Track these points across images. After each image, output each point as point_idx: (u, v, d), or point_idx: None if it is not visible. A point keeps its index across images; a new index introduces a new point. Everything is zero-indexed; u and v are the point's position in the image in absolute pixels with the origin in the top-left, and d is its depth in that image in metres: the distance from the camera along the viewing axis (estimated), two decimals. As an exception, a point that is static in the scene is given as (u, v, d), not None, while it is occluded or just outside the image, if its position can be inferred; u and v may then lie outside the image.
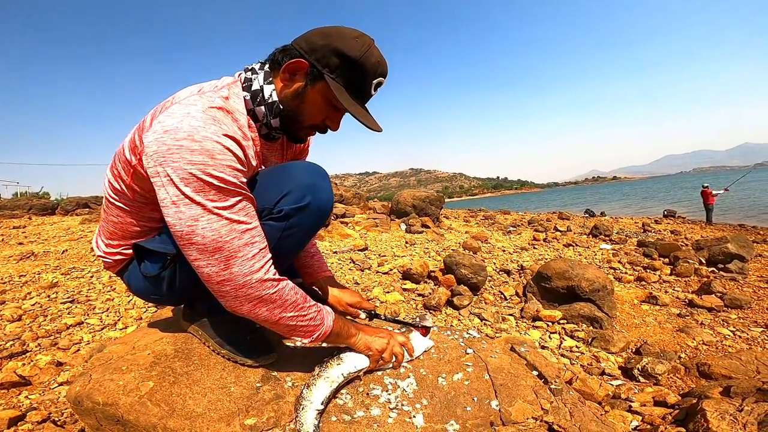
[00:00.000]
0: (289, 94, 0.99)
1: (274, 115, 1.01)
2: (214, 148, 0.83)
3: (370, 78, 0.98)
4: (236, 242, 0.85)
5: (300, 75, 0.98)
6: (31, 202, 9.25)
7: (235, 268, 0.85)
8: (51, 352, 1.95)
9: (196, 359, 1.12)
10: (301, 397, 0.98)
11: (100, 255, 1.17)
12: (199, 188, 0.82)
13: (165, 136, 0.82)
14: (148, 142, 0.84)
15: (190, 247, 0.85)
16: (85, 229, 5.70)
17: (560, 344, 2.57)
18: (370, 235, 5.26)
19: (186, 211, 0.82)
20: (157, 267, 1.06)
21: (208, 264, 0.85)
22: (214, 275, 0.86)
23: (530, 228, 7.94)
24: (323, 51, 0.94)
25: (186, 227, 0.83)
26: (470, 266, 3.32)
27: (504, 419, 1.03)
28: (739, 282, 4.02)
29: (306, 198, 0.98)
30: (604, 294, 3.06)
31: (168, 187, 0.82)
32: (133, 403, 0.94)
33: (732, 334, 2.78)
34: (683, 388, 1.96)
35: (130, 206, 1.03)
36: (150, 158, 0.83)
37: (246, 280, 0.86)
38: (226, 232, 0.84)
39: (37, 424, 1.38)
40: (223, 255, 0.84)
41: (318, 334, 0.99)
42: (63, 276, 3.22)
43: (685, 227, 11.01)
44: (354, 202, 8.80)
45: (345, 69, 0.95)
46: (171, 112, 0.86)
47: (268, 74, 1.01)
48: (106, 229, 1.12)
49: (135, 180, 0.96)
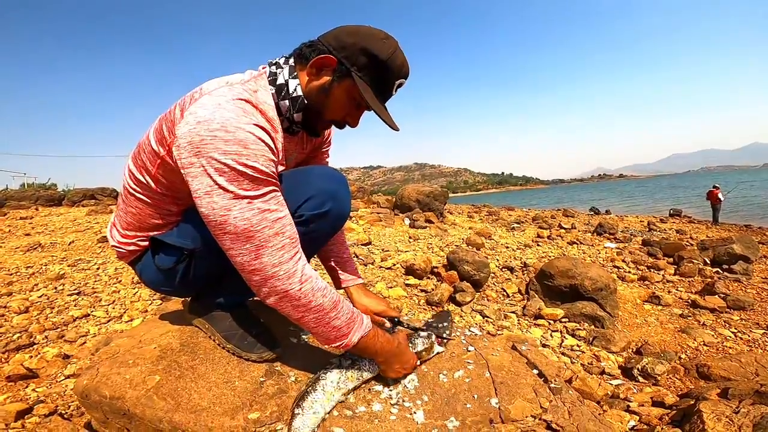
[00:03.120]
0: (314, 88, 1.01)
1: (298, 109, 1.02)
2: (247, 138, 0.84)
3: (394, 79, 1.01)
4: (267, 231, 0.86)
5: (327, 71, 0.99)
6: (38, 194, 9.32)
7: (265, 257, 0.87)
8: (58, 345, 1.98)
9: (202, 353, 1.14)
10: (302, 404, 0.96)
11: (114, 245, 1.18)
12: (233, 178, 0.83)
13: (198, 127, 0.83)
14: (182, 134, 0.85)
15: (224, 236, 0.87)
16: (92, 220, 5.74)
17: (561, 343, 2.57)
18: (374, 230, 5.27)
19: (219, 200, 0.84)
20: (172, 260, 1.08)
21: (240, 253, 0.87)
22: (246, 264, 0.88)
23: (534, 225, 7.92)
24: (352, 49, 0.96)
25: (219, 217, 0.85)
26: (473, 263, 3.32)
27: (503, 417, 1.05)
28: (743, 283, 4.00)
29: (327, 204, 1.03)
30: (607, 293, 3.06)
31: (202, 178, 0.84)
32: (139, 397, 0.96)
33: (733, 336, 2.77)
34: (682, 389, 1.97)
35: (151, 198, 1.04)
36: (183, 149, 0.85)
37: (274, 271, 0.87)
38: (257, 221, 0.85)
39: (44, 417, 1.39)
40: (254, 244, 0.86)
41: (338, 344, 0.97)
42: (70, 268, 3.26)
43: (691, 227, 10.95)
44: (358, 196, 8.82)
45: (372, 69, 0.98)
46: (202, 103, 0.87)
47: (293, 69, 1.02)
48: (123, 219, 1.13)
49: (161, 171, 0.98)
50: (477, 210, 10.58)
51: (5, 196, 8.97)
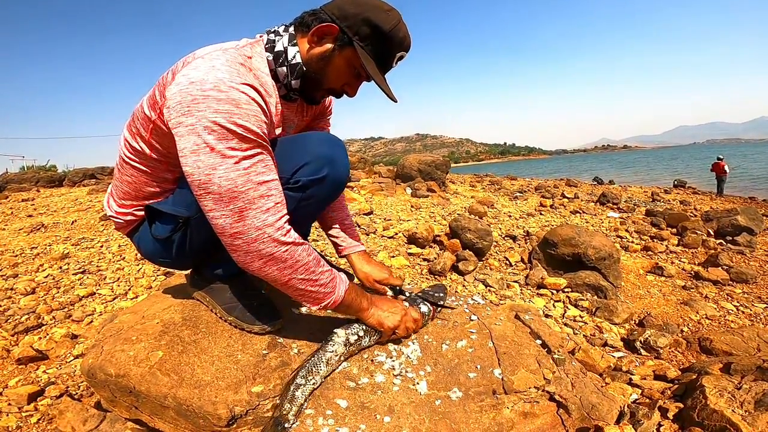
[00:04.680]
0: (314, 56, 1.01)
1: (296, 76, 1.02)
2: (240, 97, 0.83)
3: (395, 51, 1.02)
4: (252, 193, 0.85)
5: (328, 39, 0.99)
6: (38, 175, 9.30)
7: (248, 219, 0.85)
8: (66, 325, 1.99)
9: (204, 327, 1.14)
10: (300, 372, 0.96)
11: (111, 215, 1.18)
12: (222, 136, 0.82)
13: (191, 86, 0.82)
14: (172, 94, 0.84)
15: (206, 196, 0.85)
16: (93, 199, 5.75)
17: (564, 313, 2.59)
18: (376, 199, 5.25)
19: (205, 159, 0.82)
20: (168, 229, 1.07)
21: (223, 215, 0.85)
22: (228, 227, 0.86)
23: (537, 194, 7.86)
24: (355, 19, 0.96)
25: (203, 176, 0.83)
26: (476, 231, 3.30)
27: (506, 388, 1.05)
28: (747, 255, 3.98)
29: (324, 170, 1.01)
30: (610, 263, 3.05)
31: (190, 136, 0.82)
32: (143, 374, 0.97)
33: (735, 309, 2.78)
34: (684, 363, 1.98)
35: (146, 165, 1.03)
36: (173, 110, 0.83)
37: (258, 234, 0.86)
38: (242, 182, 0.84)
39: (55, 399, 1.41)
40: (238, 206, 0.84)
41: (328, 302, 0.97)
42: (74, 247, 3.27)
43: (695, 198, 10.87)
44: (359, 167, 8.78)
45: (374, 40, 0.98)
46: (195, 65, 0.86)
47: (292, 36, 1.02)
48: (120, 189, 1.12)
49: (154, 136, 0.97)
50: (479, 179, 10.51)
51: (6, 179, 8.96)
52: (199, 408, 0.90)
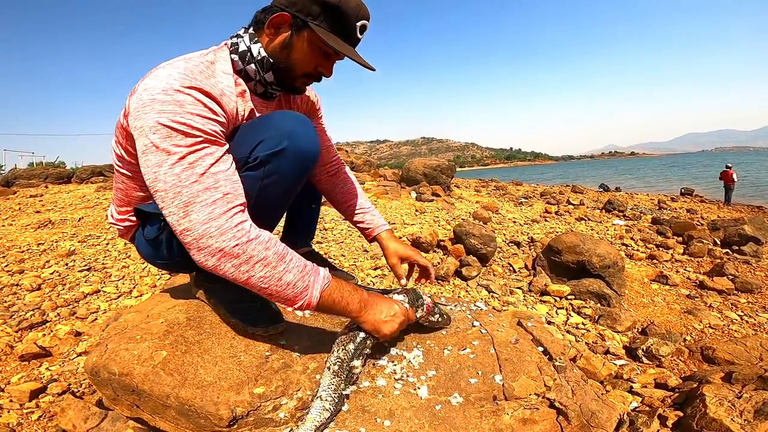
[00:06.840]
0: (276, 46, 1.04)
1: (266, 69, 1.05)
2: (185, 99, 0.85)
3: (353, 20, 1.02)
4: (195, 186, 0.84)
5: (284, 27, 1.02)
6: (47, 172, 9.41)
7: (193, 215, 0.83)
8: (70, 322, 2.00)
9: (207, 327, 1.14)
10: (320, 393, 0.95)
11: (112, 222, 1.21)
12: (165, 135, 0.83)
13: (143, 93, 0.86)
14: (130, 102, 0.89)
15: (157, 195, 0.86)
16: (101, 196, 5.80)
17: (567, 320, 2.58)
18: (380, 203, 5.26)
19: (152, 158, 0.84)
20: (155, 230, 1.08)
21: (170, 212, 0.85)
22: (176, 224, 0.86)
23: (542, 200, 7.85)
24: (303, 2, 0.99)
25: (152, 174, 0.85)
26: (480, 236, 3.30)
27: (507, 394, 1.05)
28: (753, 265, 3.95)
29: (282, 143, 0.95)
30: (615, 271, 3.03)
31: (140, 138, 0.86)
32: (147, 373, 0.97)
33: (739, 319, 2.76)
34: (685, 372, 1.97)
35: (129, 170, 1.06)
36: (130, 116, 0.88)
37: (205, 229, 0.83)
38: (186, 175, 0.84)
39: (57, 396, 1.41)
40: (182, 200, 0.84)
41: (301, 303, 0.90)
42: (80, 244, 3.30)
43: (702, 206, 10.80)
44: (364, 170, 8.80)
45: (327, 15, 1.00)
46: (155, 74, 0.89)
47: (253, 35, 1.05)
48: (116, 196, 1.16)
49: (129, 142, 0.98)
50: (484, 184, 10.51)
51: (15, 175, 9.08)
52: (200, 408, 0.91)
